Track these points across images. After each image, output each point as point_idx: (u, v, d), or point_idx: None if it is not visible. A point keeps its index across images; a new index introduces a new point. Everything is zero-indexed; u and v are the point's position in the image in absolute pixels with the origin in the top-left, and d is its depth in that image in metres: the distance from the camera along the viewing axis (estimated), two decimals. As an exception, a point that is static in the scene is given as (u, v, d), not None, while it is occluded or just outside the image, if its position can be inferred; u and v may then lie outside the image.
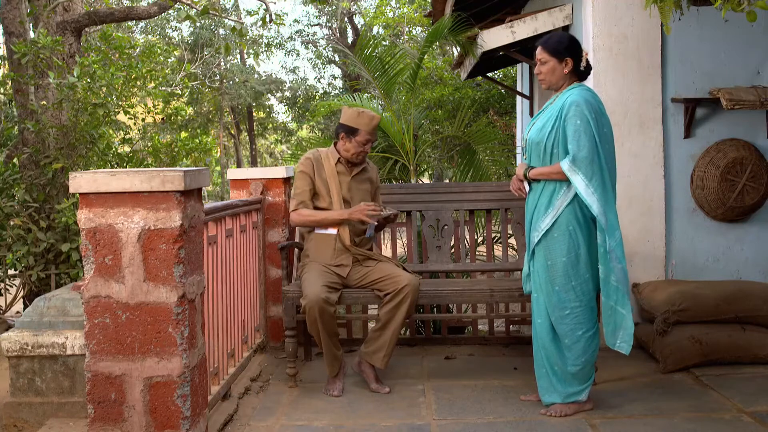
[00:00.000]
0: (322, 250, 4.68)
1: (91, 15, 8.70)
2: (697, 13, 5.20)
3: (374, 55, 7.90)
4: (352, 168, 4.79)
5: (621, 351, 3.96)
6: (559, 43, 4.06)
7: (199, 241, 3.51)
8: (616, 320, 3.95)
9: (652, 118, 5.40)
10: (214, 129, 27.24)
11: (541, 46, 4.10)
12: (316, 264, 4.63)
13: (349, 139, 4.66)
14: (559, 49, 4.04)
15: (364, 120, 4.63)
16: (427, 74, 13.76)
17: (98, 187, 3.20)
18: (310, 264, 4.67)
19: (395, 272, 4.58)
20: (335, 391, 4.53)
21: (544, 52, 4.07)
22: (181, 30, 24.15)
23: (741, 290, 4.97)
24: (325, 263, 4.64)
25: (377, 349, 4.56)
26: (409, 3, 19.49)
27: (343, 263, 4.67)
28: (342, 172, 4.76)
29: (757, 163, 5.38)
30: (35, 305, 4.43)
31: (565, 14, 6.14)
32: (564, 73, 4.05)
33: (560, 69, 4.04)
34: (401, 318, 4.53)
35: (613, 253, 3.87)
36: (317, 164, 4.76)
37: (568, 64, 4.03)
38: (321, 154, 4.83)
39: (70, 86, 6.94)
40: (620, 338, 3.96)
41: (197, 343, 3.43)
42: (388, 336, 4.54)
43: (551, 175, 3.97)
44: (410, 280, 4.52)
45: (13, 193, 7.01)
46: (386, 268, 4.64)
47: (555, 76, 4.07)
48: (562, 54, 4.03)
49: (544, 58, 4.06)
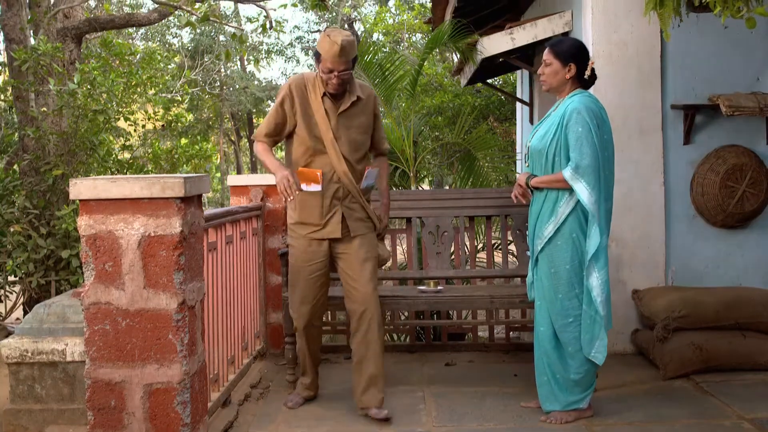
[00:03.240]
0: (308, 209, 4.17)
1: (91, 22, 8.72)
2: (696, 20, 5.20)
3: (374, 61, 7.90)
4: (338, 101, 4.16)
5: (595, 361, 3.97)
6: (567, 48, 4.05)
7: (199, 247, 3.51)
8: (593, 330, 3.95)
9: (651, 124, 5.40)
10: (214, 135, 27.28)
11: (549, 47, 4.09)
12: (300, 252, 4.20)
13: (317, 64, 4.08)
14: (565, 53, 4.03)
15: (324, 45, 3.98)
16: (427, 81, 13.77)
17: (98, 193, 3.21)
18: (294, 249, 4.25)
19: (354, 283, 4.18)
20: (290, 403, 4.46)
21: (550, 54, 4.06)
22: (181, 36, 24.22)
23: (741, 297, 4.97)
24: (314, 222, 4.15)
25: (366, 387, 4.20)
26: (408, 10, 19.54)
27: (332, 221, 4.16)
28: (330, 107, 4.15)
29: (757, 169, 5.38)
30: (35, 312, 4.43)
31: (564, 21, 6.15)
32: (565, 78, 4.04)
33: (562, 73, 4.04)
34: (377, 347, 4.20)
35: (593, 261, 3.87)
36: (300, 95, 4.15)
37: (571, 70, 4.03)
38: (307, 82, 4.18)
39: (70, 93, 6.95)
40: (596, 348, 3.96)
41: (197, 349, 3.43)
42: (371, 368, 4.18)
43: (553, 183, 3.96)
44: (366, 301, 4.16)
45: (14, 200, 7.01)
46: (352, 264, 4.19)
47: (556, 80, 4.06)
48: (567, 59, 4.02)
49: (549, 60, 4.06)
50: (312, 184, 4.05)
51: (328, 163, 4.12)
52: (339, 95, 4.12)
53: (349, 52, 3.98)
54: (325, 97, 4.12)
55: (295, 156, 4.21)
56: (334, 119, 4.12)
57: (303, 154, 4.16)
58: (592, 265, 3.89)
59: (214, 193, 23.67)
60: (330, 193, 4.13)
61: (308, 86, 4.14)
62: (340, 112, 4.14)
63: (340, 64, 3.98)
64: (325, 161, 4.12)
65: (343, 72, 4.01)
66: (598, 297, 3.89)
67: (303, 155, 4.16)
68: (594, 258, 3.88)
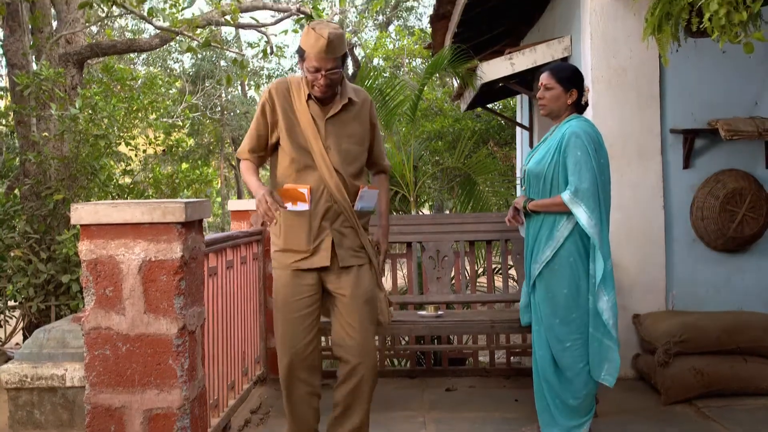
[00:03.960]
0: (294, 233, 3.56)
1: (93, 47, 8.78)
2: (694, 45, 5.23)
3: (375, 86, 7.95)
4: (326, 106, 3.58)
5: (605, 383, 3.96)
6: (569, 74, 4.07)
7: (199, 272, 3.51)
8: (601, 352, 3.94)
9: (651, 148, 5.42)
10: (215, 160, 27.31)
11: (550, 72, 4.09)
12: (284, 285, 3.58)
13: (301, 63, 3.50)
14: (568, 78, 4.05)
15: (309, 40, 3.39)
16: (427, 106, 13.84)
17: (99, 218, 3.21)
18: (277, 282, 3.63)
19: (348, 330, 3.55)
20: None
21: (552, 78, 4.07)
22: (182, 62, 24.29)
23: (742, 321, 4.96)
24: (301, 249, 3.53)
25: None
26: (409, 35, 19.64)
27: (321, 247, 3.53)
28: (316, 113, 3.56)
29: (757, 193, 5.39)
30: (35, 337, 4.42)
31: (563, 46, 6.19)
32: (567, 103, 4.06)
33: (564, 98, 4.05)
34: (366, 398, 3.58)
35: (601, 285, 3.87)
36: (282, 100, 3.57)
37: (573, 96, 4.04)
38: (291, 85, 3.60)
39: (71, 118, 6.99)
40: (605, 371, 3.95)
41: (197, 374, 3.42)
42: (356, 420, 3.59)
43: (551, 207, 3.97)
44: (362, 354, 3.53)
45: (14, 225, 7.02)
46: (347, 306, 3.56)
47: (557, 105, 4.07)
48: (570, 84, 4.04)
49: (551, 84, 4.06)
50: (298, 203, 3.45)
51: (318, 178, 3.51)
52: (327, 99, 3.55)
53: (337, 47, 3.39)
54: (310, 101, 3.54)
55: (279, 172, 3.61)
56: (322, 126, 3.53)
57: (288, 168, 3.56)
58: (601, 289, 3.88)
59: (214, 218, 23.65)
60: (320, 214, 3.52)
61: (292, 90, 3.58)
62: (328, 118, 3.55)
63: (327, 62, 3.40)
64: (314, 176, 3.52)
65: (331, 71, 3.42)
66: (609, 320, 3.88)
67: (288, 170, 3.57)
68: (602, 282, 3.88)
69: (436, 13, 8.33)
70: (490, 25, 8.65)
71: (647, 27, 4.38)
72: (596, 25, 5.43)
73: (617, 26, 5.41)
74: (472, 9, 7.51)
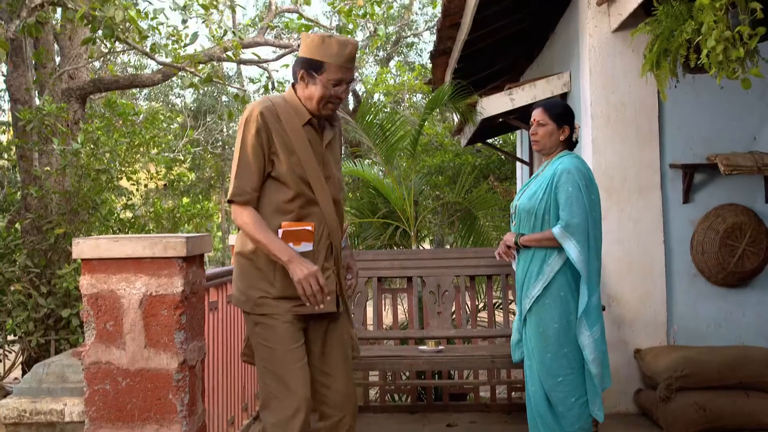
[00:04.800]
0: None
1: (96, 82, 8.85)
2: (693, 81, 5.27)
3: (375, 121, 8.00)
4: (323, 130, 3.22)
5: (597, 418, 3.95)
6: (562, 110, 4.12)
7: (200, 307, 3.51)
8: (594, 387, 3.94)
9: (650, 183, 5.44)
10: (216, 195, 27.37)
11: (543, 108, 4.13)
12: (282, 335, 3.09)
13: (311, 78, 3.07)
14: (561, 115, 4.09)
15: (330, 49, 3.04)
16: (427, 140, 13.90)
17: (101, 253, 3.22)
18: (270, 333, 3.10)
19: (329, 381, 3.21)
20: None
21: (545, 115, 4.10)
22: (184, 97, 24.45)
23: (744, 356, 4.94)
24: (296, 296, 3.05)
25: None
26: (409, 71, 19.77)
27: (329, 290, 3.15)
28: (314, 138, 3.16)
29: (756, 228, 5.40)
30: (34, 371, 4.40)
31: (563, 82, 6.24)
32: (560, 140, 4.10)
33: (557, 135, 4.09)
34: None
35: (583, 319, 3.87)
36: (274, 125, 3.07)
37: (565, 132, 4.09)
38: (278, 108, 3.10)
39: (73, 152, 7.03)
40: (597, 406, 3.95)
41: (197, 410, 3.41)
42: None
43: (542, 241, 3.98)
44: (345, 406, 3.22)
45: (15, 258, 7.03)
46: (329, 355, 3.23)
47: (551, 141, 4.10)
48: (562, 121, 4.08)
49: (544, 121, 4.10)
50: (302, 244, 3.09)
51: (319, 214, 3.13)
52: (320, 122, 3.20)
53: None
54: (306, 126, 3.13)
55: (273, 208, 3.11)
56: (320, 154, 3.16)
57: (289, 204, 3.09)
58: (582, 323, 3.89)
59: (215, 252, 23.64)
60: (322, 253, 3.16)
61: (279, 113, 3.10)
62: (326, 144, 3.21)
63: (351, 72, 3.10)
64: (315, 211, 3.12)
65: (351, 82, 3.13)
66: (590, 355, 3.88)
67: (289, 206, 3.10)
68: (584, 316, 3.88)
69: (436, 49, 8.40)
70: (490, 60, 8.73)
71: (646, 63, 4.42)
72: (595, 61, 5.47)
73: (616, 62, 5.46)
74: (472, 45, 7.59)
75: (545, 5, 6.61)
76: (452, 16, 7.29)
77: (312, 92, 3.07)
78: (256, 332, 3.14)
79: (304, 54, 3.08)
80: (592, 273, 3.92)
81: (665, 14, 4.19)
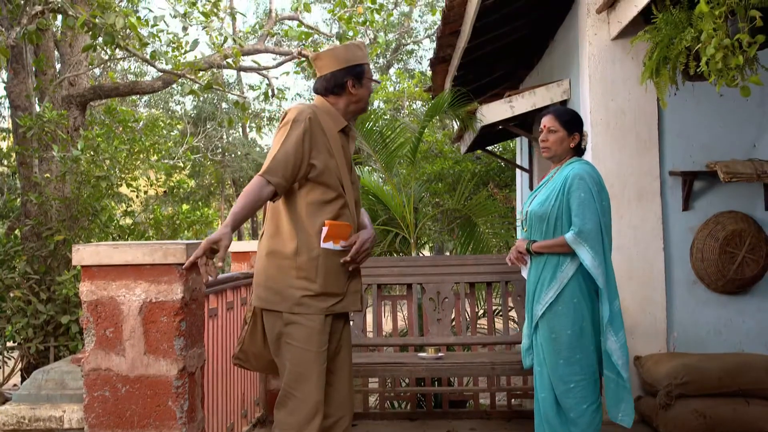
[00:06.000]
0: (334, 274, 3.23)
1: (96, 89, 8.86)
2: (692, 88, 5.28)
3: (375, 129, 8.00)
4: (348, 135, 3.39)
5: (623, 424, 3.94)
6: (572, 117, 4.12)
7: (200, 313, 3.51)
8: (618, 393, 3.93)
9: (650, 190, 5.44)
10: (216, 201, 27.38)
11: (553, 115, 4.13)
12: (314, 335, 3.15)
13: (359, 82, 3.31)
14: (572, 122, 4.09)
15: (362, 51, 3.35)
16: (427, 148, 13.90)
17: (101, 259, 3.22)
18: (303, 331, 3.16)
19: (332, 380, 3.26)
20: None
21: (556, 122, 4.10)
22: (184, 104, 24.48)
23: (744, 363, 4.94)
24: (338, 291, 3.25)
25: None
26: (409, 78, 19.81)
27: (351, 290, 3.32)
28: (345, 144, 3.35)
29: (756, 235, 5.40)
30: (33, 378, 4.40)
31: (563, 89, 6.25)
32: (570, 146, 4.09)
33: (567, 142, 4.09)
34: None
35: (608, 326, 3.87)
36: (318, 131, 3.23)
37: (575, 139, 4.08)
38: (319, 115, 3.26)
39: (73, 159, 7.03)
40: (622, 411, 3.94)
41: (197, 416, 3.41)
42: None
43: (554, 248, 3.97)
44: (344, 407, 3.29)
45: (14, 265, 7.03)
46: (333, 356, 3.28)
47: (561, 148, 4.10)
48: (573, 128, 4.08)
49: (555, 127, 4.09)
50: (340, 242, 3.23)
51: (348, 215, 3.28)
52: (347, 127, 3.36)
53: None
54: (341, 133, 3.32)
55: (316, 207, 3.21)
56: (349, 159, 3.34)
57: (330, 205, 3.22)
58: (609, 330, 3.88)
59: (214, 259, 23.63)
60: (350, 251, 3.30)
61: (321, 120, 3.25)
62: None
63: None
64: (346, 212, 3.27)
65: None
66: (619, 360, 3.88)
67: (330, 207, 3.22)
68: (610, 322, 3.88)
69: (436, 56, 8.42)
70: (490, 68, 8.74)
71: (645, 71, 4.43)
72: (595, 69, 5.48)
73: (615, 70, 5.47)
74: (472, 53, 7.60)
75: (545, 13, 6.63)
76: (452, 24, 7.30)
77: (362, 95, 3.33)
78: (287, 332, 3.19)
79: (345, 64, 3.28)
80: (610, 278, 3.92)
81: (665, 22, 4.20)
